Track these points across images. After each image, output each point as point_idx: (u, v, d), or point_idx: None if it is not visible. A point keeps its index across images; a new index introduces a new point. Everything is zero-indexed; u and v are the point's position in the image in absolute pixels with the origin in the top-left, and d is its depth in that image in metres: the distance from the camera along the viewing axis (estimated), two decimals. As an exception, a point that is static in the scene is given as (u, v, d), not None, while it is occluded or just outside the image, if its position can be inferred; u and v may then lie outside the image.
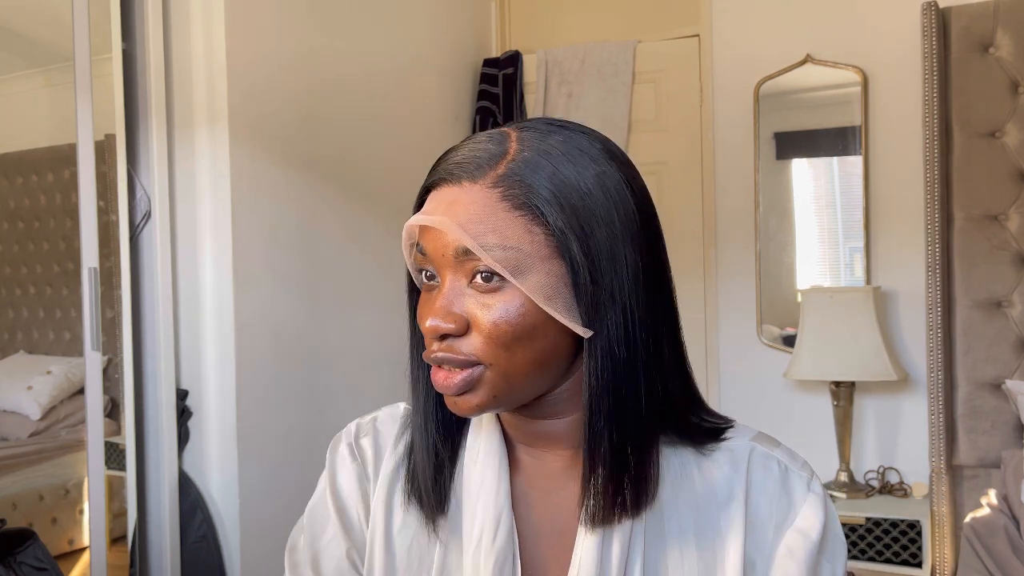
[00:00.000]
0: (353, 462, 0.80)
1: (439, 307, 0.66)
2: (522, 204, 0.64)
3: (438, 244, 0.66)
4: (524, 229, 0.64)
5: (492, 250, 0.63)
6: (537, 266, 0.64)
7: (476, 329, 0.65)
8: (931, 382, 2.39)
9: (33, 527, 1.84)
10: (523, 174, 0.64)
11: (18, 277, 2.46)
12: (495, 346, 0.65)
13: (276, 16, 2.25)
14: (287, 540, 0.85)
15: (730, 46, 2.93)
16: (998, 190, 2.41)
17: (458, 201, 0.65)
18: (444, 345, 0.66)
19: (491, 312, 0.65)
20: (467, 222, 0.64)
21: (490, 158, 0.66)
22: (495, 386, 0.66)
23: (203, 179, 2.11)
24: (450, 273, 0.66)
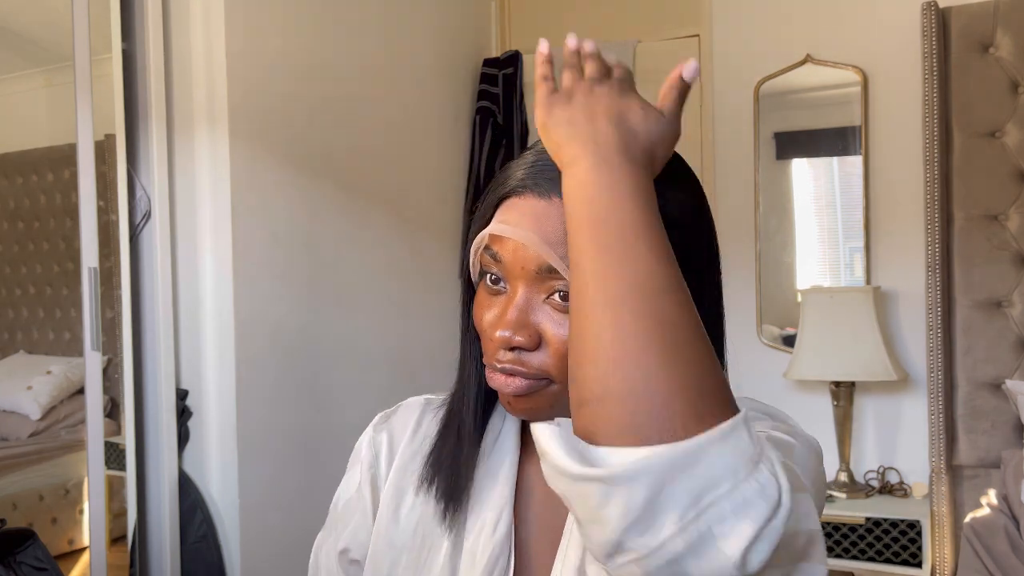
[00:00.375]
0: (371, 449, 0.82)
1: (511, 319, 0.65)
2: None
3: (517, 257, 0.65)
4: None
5: None
6: None
7: (548, 345, 0.65)
8: (931, 382, 2.39)
9: (33, 527, 1.84)
10: None
11: (18, 277, 2.46)
12: (566, 364, 0.62)
13: (276, 16, 2.25)
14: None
15: (730, 46, 2.93)
16: (998, 190, 2.41)
17: (545, 216, 0.64)
18: (512, 357, 0.65)
19: (566, 330, 0.63)
20: (556, 241, 0.63)
21: None
22: (556, 398, 0.66)
23: (203, 179, 2.10)
24: (525, 285, 0.65)
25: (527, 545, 0.73)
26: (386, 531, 0.77)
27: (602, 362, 0.52)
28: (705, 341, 0.53)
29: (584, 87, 0.64)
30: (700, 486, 0.47)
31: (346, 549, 0.80)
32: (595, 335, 0.53)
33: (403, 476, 0.79)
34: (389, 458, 0.80)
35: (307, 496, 2.27)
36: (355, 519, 0.80)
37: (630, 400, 0.50)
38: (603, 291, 0.53)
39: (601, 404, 0.51)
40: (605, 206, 0.55)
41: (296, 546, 2.21)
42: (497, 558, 0.71)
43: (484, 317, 0.68)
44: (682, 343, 0.52)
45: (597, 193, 0.56)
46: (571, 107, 0.62)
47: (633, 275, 0.53)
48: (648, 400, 0.50)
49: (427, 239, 2.89)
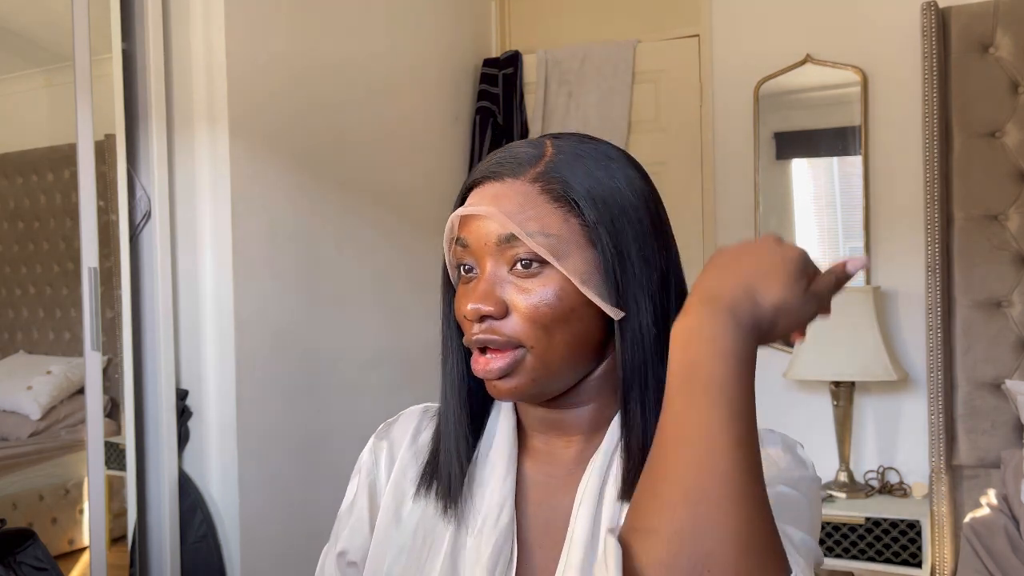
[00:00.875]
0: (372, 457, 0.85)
1: (480, 292, 0.71)
2: (560, 197, 0.70)
3: (480, 233, 0.71)
4: (562, 219, 0.70)
5: (534, 236, 0.69)
6: (574, 252, 0.70)
7: (516, 312, 0.70)
8: (931, 382, 2.39)
9: (33, 527, 1.84)
10: (561, 172, 0.71)
11: (18, 277, 2.46)
12: (535, 327, 0.69)
13: (276, 16, 2.25)
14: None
15: (730, 46, 2.93)
16: (998, 190, 2.41)
17: (502, 194, 0.71)
18: (484, 327, 0.70)
19: (530, 296, 0.70)
20: (511, 211, 0.70)
21: (530, 158, 0.72)
22: (534, 369, 0.70)
23: (203, 179, 2.10)
24: (491, 261, 0.71)
25: (527, 538, 0.74)
26: (386, 534, 0.79)
27: (659, 498, 0.55)
28: (764, 503, 0.55)
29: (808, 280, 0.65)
30: None
31: (344, 551, 0.83)
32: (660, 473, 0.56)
33: (403, 480, 0.81)
34: (389, 465, 0.83)
35: (307, 496, 2.27)
36: (351, 523, 0.83)
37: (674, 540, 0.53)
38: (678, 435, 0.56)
39: (648, 536, 0.54)
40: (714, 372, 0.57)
41: (296, 545, 2.21)
42: (501, 548, 0.72)
43: (461, 303, 0.73)
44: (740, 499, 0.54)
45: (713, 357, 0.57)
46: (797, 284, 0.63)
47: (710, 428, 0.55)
48: (691, 545, 0.53)
49: (427, 239, 2.89)
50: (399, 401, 2.54)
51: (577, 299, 0.70)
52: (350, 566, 0.83)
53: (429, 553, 0.76)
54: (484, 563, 0.71)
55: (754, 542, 0.53)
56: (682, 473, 0.54)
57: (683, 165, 3.02)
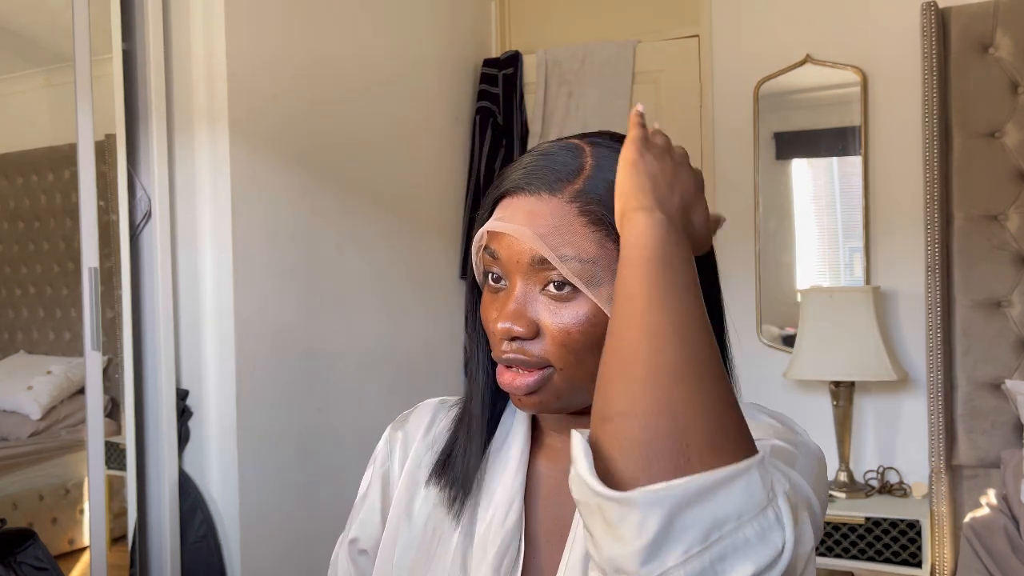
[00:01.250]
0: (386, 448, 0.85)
1: (511, 311, 0.70)
2: (598, 220, 0.68)
3: (513, 251, 0.70)
4: (598, 244, 0.68)
5: (569, 262, 0.67)
6: (609, 279, 0.68)
7: (546, 334, 0.69)
8: (931, 382, 2.40)
9: (33, 527, 1.84)
10: (600, 191, 0.69)
11: (18, 277, 2.46)
12: (565, 351, 0.69)
13: (276, 16, 2.25)
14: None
15: (730, 46, 2.93)
16: (998, 190, 2.41)
17: (536, 212, 0.69)
18: (515, 347, 0.70)
19: (561, 319, 0.69)
20: (546, 233, 0.68)
21: (568, 173, 0.70)
22: (561, 388, 0.70)
23: (203, 179, 2.11)
24: (521, 279, 0.70)
25: (536, 536, 0.75)
26: (398, 524, 0.80)
27: (633, 381, 0.56)
28: (728, 383, 0.58)
29: (673, 158, 0.69)
30: (709, 521, 0.50)
31: (355, 539, 0.84)
32: (630, 357, 0.57)
33: (416, 471, 0.82)
34: (403, 455, 0.83)
35: (307, 496, 2.27)
36: (363, 512, 0.84)
37: (652, 419, 0.54)
38: (646, 321, 0.57)
39: (624, 419, 0.55)
40: (663, 254, 0.60)
41: (296, 546, 2.21)
42: (507, 547, 0.72)
43: (489, 315, 0.73)
44: (709, 378, 0.56)
45: (659, 243, 0.61)
46: (660, 164, 0.67)
47: (676, 314, 0.58)
48: (670, 422, 0.54)
49: (427, 239, 2.89)
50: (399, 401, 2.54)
51: (604, 323, 0.68)
52: (361, 554, 0.84)
53: (438, 547, 0.76)
54: (490, 560, 0.72)
55: (727, 418, 0.55)
56: (655, 355, 0.56)
57: (683, 165, 3.01)
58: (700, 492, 0.50)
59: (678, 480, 0.50)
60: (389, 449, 0.84)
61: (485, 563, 0.72)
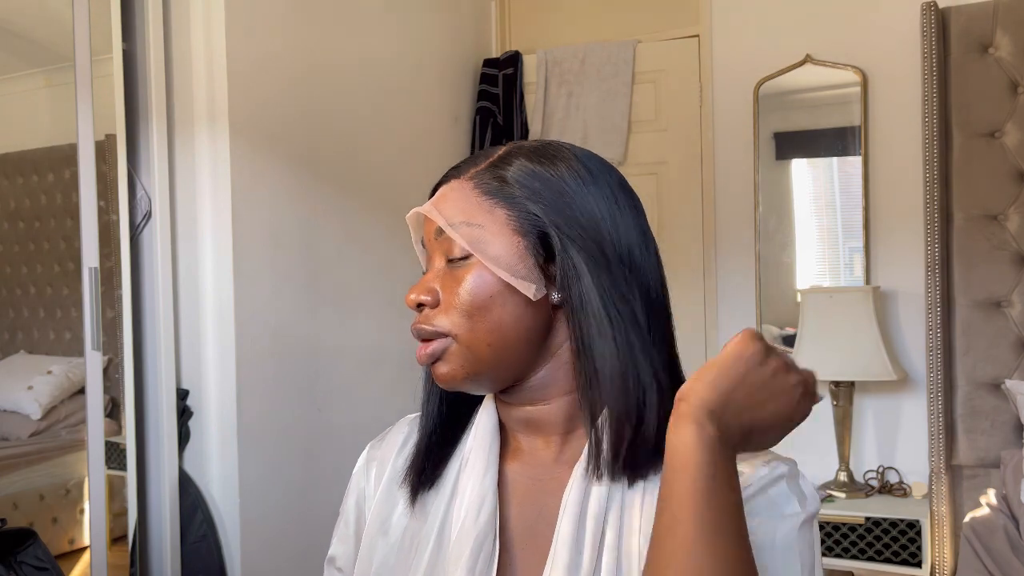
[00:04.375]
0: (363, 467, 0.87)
1: (421, 283, 0.77)
2: (491, 191, 0.74)
3: (427, 230, 0.78)
4: (487, 210, 0.73)
5: (457, 227, 0.73)
6: (496, 241, 0.72)
7: (444, 301, 0.75)
8: (931, 382, 2.40)
9: (34, 527, 1.85)
10: (499, 168, 0.75)
11: (18, 277, 2.46)
12: (457, 316, 0.74)
13: (276, 16, 2.25)
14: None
15: (730, 46, 2.93)
16: (998, 190, 2.41)
17: (445, 195, 0.76)
18: (421, 316, 0.76)
19: (456, 284, 0.74)
20: (444, 208, 0.75)
21: (476, 160, 0.77)
22: (462, 356, 0.74)
23: (203, 179, 2.11)
24: (436, 256, 0.77)
25: (510, 538, 0.75)
26: (373, 540, 0.80)
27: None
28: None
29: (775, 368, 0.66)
30: None
31: (332, 557, 0.87)
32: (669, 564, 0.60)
33: (392, 486, 0.82)
34: (379, 473, 0.84)
35: (307, 496, 2.27)
36: (340, 530, 0.87)
37: None
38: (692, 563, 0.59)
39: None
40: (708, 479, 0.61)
41: (296, 546, 2.21)
42: (481, 544, 0.72)
43: None
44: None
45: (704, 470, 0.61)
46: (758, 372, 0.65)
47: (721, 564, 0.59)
48: None
49: (427, 239, 2.88)
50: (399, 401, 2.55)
51: (498, 287, 0.72)
52: (339, 572, 0.85)
53: (416, 552, 0.76)
54: (465, 559, 0.71)
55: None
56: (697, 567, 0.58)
57: (683, 165, 3.02)
58: None
59: None
60: (366, 469, 0.86)
61: (461, 560, 0.72)
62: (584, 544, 0.69)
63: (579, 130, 3.11)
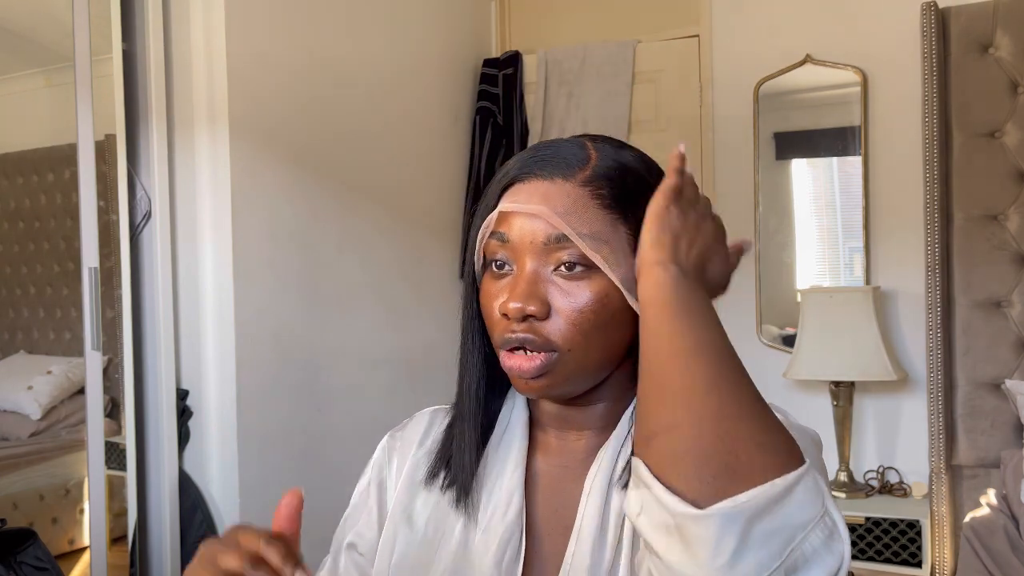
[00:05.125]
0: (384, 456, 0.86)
1: (521, 291, 0.70)
2: (610, 204, 0.71)
3: (525, 232, 0.70)
4: (611, 225, 0.70)
5: (586, 239, 0.69)
6: (622, 260, 0.70)
7: (558, 314, 0.70)
8: (931, 382, 2.39)
9: (33, 527, 1.85)
10: (610, 177, 0.72)
11: (18, 277, 2.46)
12: (575, 331, 0.70)
13: (276, 16, 2.25)
14: None
15: (730, 46, 2.93)
16: (998, 190, 2.41)
17: (551, 194, 0.70)
18: (525, 326, 0.70)
19: (574, 299, 0.70)
20: (564, 213, 0.69)
21: (576, 160, 0.72)
22: (569, 371, 0.71)
23: (203, 179, 2.11)
24: (532, 260, 0.70)
25: (536, 529, 0.75)
26: (396, 527, 0.80)
27: (669, 396, 0.59)
28: (758, 393, 0.61)
29: (697, 211, 0.71)
30: (780, 533, 0.53)
31: (353, 544, 0.85)
32: (663, 377, 0.61)
33: (415, 474, 0.82)
34: (401, 462, 0.84)
35: (307, 496, 2.26)
36: (362, 518, 0.85)
37: (694, 427, 0.57)
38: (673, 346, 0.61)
39: (667, 433, 0.58)
40: (679, 298, 0.64)
41: (296, 546, 2.21)
42: (509, 539, 0.73)
43: (493, 301, 0.72)
44: (740, 386, 0.60)
45: (673, 291, 0.64)
46: (683, 220, 0.69)
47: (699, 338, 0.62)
48: (712, 427, 0.57)
49: (427, 239, 2.89)
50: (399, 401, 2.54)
51: (619, 305, 0.70)
52: (361, 557, 0.85)
53: (440, 544, 0.77)
54: (492, 554, 0.73)
55: (765, 421, 0.59)
56: (686, 371, 0.59)
57: (683, 165, 3.01)
58: (768, 503, 0.53)
59: (747, 493, 0.53)
60: (387, 457, 0.85)
61: (488, 555, 0.73)
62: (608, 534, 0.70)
63: (579, 130, 3.11)
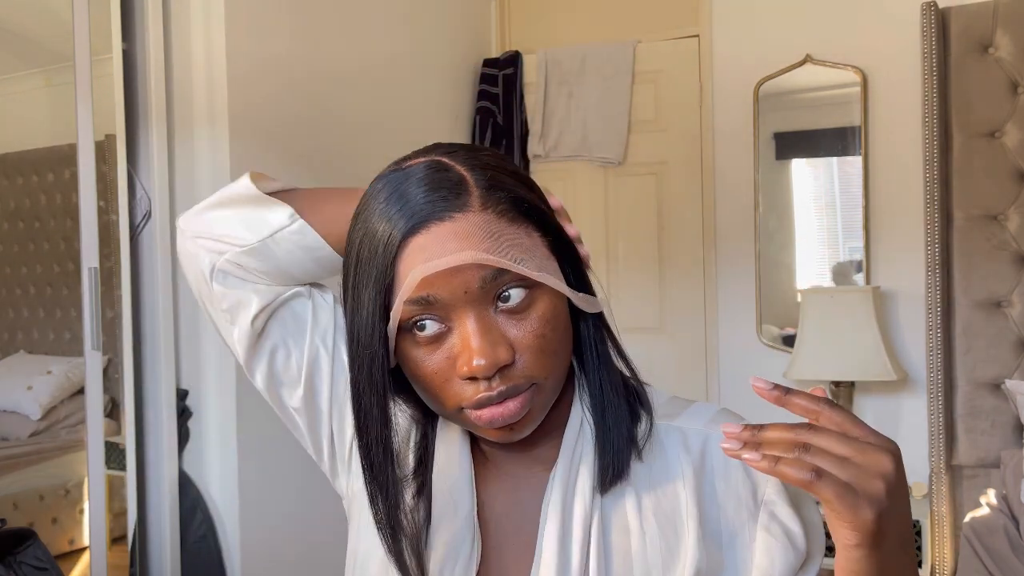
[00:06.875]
0: None
1: (480, 346, 0.62)
2: (515, 217, 0.65)
3: (456, 283, 0.62)
4: (527, 235, 0.65)
5: (523, 263, 0.63)
6: (549, 265, 0.66)
7: (522, 349, 0.64)
8: (931, 382, 2.39)
9: (33, 527, 1.85)
10: (495, 187, 0.64)
11: (18, 277, 2.46)
12: (544, 357, 0.64)
13: (276, 16, 2.25)
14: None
15: (730, 46, 2.93)
16: (998, 190, 2.41)
17: (462, 233, 0.62)
18: (499, 380, 0.63)
19: (529, 325, 0.64)
20: (489, 248, 0.62)
21: (455, 186, 0.64)
22: (545, 398, 0.67)
23: (203, 179, 2.10)
24: (472, 309, 0.63)
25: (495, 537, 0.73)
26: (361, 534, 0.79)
27: None
28: None
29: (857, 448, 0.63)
30: None
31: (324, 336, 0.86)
32: None
33: None
34: None
35: (307, 496, 2.27)
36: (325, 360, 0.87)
37: None
38: None
39: None
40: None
41: (296, 546, 2.21)
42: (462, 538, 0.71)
43: (432, 368, 0.65)
44: None
45: None
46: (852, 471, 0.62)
47: None
48: None
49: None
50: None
51: (563, 311, 0.67)
52: None
53: None
54: (440, 551, 0.71)
55: None
56: None
57: (683, 165, 3.02)
58: None
59: None
60: None
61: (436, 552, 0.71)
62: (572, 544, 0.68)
63: (579, 130, 3.11)
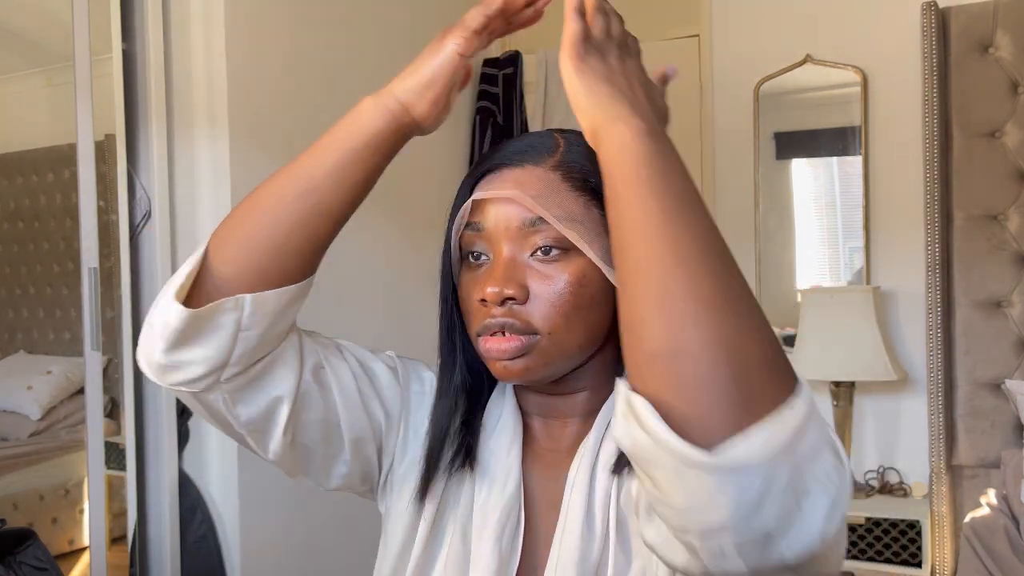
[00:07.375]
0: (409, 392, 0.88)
1: (500, 276, 0.69)
2: (580, 186, 0.71)
3: (500, 218, 0.71)
4: (584, 206, 0.70)
5: (562, 221, 0.69)
6: (595, 240, 0.69)
7: (537, 298, 0.69)
8: (931, 382, 2.39)
9: (33, 527, 1.84)
10: (578, 162, 0.71)
11: (18, 277, 2.46)
12: (555, 314, 0.69)
13: (276, 16, 2.25)
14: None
15: (730, 46, 2.93)
16: (998, 190, 2.41)
17: (523, 180, 0.71)
18: (505, 310, 0.69)
19: (553, 282, 0.69)
20: (537, 196, 0.69)
21: (545, 148, 0.73)
22: (548, 354, 0.70)
23: (203, 179, 2.10)
24: (508, 246, 0.70)
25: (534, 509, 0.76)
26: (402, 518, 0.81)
27: (675, 316, 0.52)
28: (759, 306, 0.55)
29: (616, 51, 0.68)
30: (799, 465, 0.48)
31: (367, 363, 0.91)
32: (665, 289, 0.52)
33: None
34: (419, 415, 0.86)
35: (307, 496, 2.27)
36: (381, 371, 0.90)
37: (705, 355, 0.50)
38: (672, 249, 0.54)
39: (673, 359, 0.51)
40: (662, 169, 0.57)
41: (296, 546, 2.21)
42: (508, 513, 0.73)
43: (469, 290, 0.72)
44: (749, 306, 0.53)
45: (652, 156, 0.58)
46: (606, 64, 0.66)
47: (701, 238, 0.55)
48: (725, 357, 0.50)
49: (426, 239, 2.88)
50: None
51: (598, 286, 0.70)
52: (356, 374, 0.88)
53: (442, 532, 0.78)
54: (491, 528, 0.73)
55: (773, 343, 0.53)
56: (693, 286, 0.52)
57: (683, 165, 3.01)
58: (789, 442, 0.48)
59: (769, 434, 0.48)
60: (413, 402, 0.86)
61: (486, 531, 0.73)
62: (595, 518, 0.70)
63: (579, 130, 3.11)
